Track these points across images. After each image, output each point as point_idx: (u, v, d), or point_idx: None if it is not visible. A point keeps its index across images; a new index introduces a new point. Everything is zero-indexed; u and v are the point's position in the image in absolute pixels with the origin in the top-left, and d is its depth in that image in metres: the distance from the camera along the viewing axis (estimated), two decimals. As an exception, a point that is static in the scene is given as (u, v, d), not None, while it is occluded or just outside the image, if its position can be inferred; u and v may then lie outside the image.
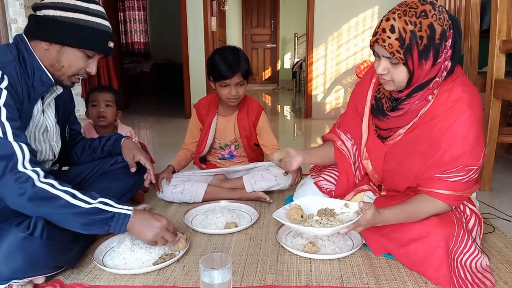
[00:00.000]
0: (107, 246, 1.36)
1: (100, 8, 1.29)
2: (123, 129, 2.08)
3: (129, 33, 7.92)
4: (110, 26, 1.32)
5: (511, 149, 2.69)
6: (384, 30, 1.13)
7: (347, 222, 1.23)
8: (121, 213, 1.19)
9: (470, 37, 2.11)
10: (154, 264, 1.26)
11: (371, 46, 1.20)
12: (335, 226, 1.22)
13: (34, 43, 1.25)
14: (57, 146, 1.42)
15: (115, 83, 4.38)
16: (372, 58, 4.81)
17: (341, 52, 4.30)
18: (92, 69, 1.32)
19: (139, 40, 8.00)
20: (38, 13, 1.23)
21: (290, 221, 1.32)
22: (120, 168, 1.55)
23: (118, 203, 1.21)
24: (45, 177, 1.12)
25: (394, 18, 1.12)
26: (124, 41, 7.70)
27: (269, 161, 1.95)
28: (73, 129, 1.58)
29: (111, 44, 1.33)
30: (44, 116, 1.35)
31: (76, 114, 1.62)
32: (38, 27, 1.23)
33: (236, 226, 1.53)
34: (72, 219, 1.13)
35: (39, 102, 1.31)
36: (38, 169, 1.12)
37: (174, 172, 1.90)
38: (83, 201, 1.15)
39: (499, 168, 2.35)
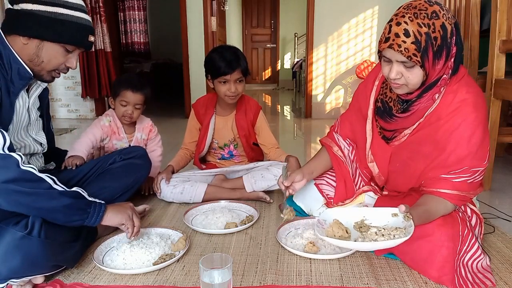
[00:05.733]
0: (107, 246, 1.36)
1: (80, 1, 1.27)
2: (143, 121, 1.95)
3: (129, 33, 7.90)
4: (90, 20, 1.30)
5: (511, 149, 2.69)
6: (397, 35, 1.10)
7: (393, 229, 1.15)
8: (96, 201, 1.21)
9: (470, 37, 2.11)
10: (154, 264, 1.26)
11: (380, 52, 1.18)
12: (399, 238, 1.11)
13: (12, 37, 1.22)
14: (40, 137, 1.41)
15: (115, 83, 4.38)
16: (373, 58, 4.78)
17: (341, 52, 4.30)
18: (73, 64, 1.30)
19: (139, 40, 7.98)
20: (16, 7, 1.20)
21: (336, 239, 1.19)
22: (119, 167, 1.56)
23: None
24: (24, 163, 1.07)
25: (406, 22, 1.09)
26: (124, 41, 7.68)
27: (269, 160, 1.96)
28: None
29: (92, 38, 1.30)
30: (29, 111, 1.33)
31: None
32: (16, 22, 1.20)
33: (236, 226, 1.53)
34: (55, 202, 1.09)
35: (23, 97, 1.29)
36: (20, 153, 1.08)
37: (173, 172, 1.90)
38: (62, 187, 1.14)
39: (499, 168, 2.35)
